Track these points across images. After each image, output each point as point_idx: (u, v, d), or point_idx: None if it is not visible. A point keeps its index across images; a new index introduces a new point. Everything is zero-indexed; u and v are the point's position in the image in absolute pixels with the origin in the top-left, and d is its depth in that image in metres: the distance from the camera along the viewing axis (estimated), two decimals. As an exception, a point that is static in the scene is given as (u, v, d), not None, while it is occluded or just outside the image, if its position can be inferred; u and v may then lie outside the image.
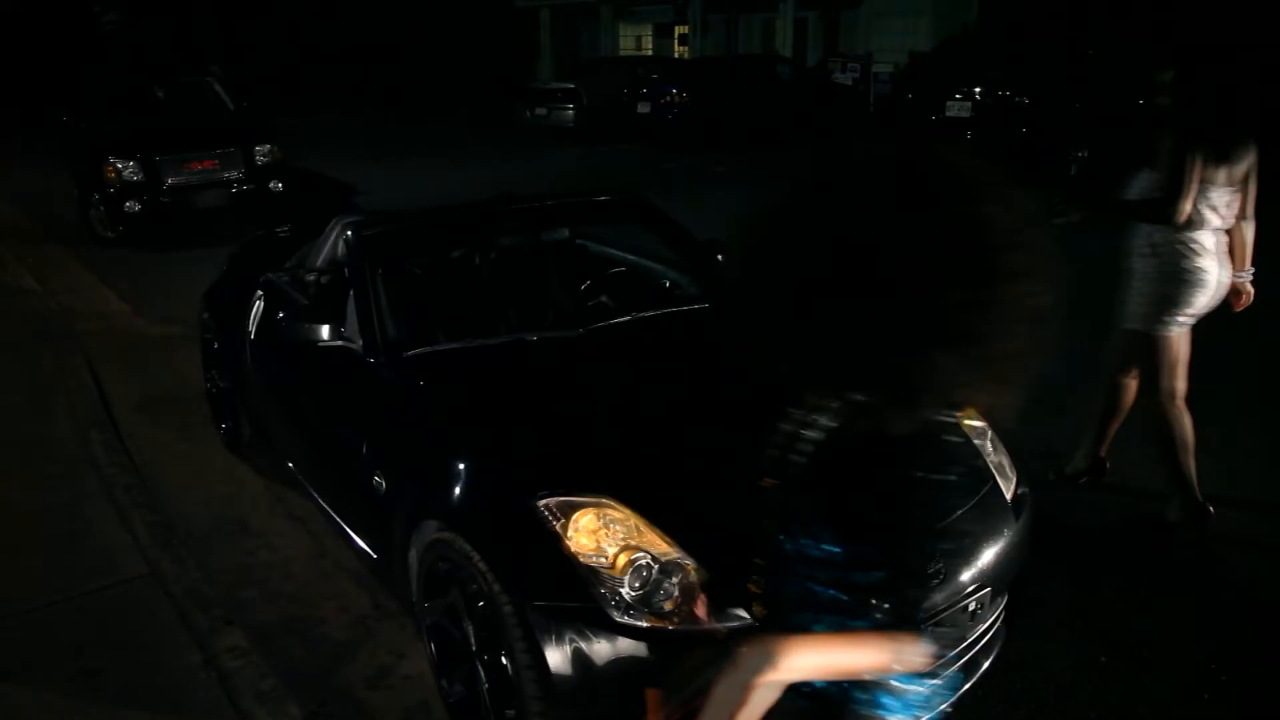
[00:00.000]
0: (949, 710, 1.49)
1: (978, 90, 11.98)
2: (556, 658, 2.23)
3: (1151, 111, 3.62)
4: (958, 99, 12.09)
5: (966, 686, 2.61)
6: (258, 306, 4.09)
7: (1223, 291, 3.63)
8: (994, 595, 2.58)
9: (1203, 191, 3.41)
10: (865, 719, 1.41)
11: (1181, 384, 3.70)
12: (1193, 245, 3.52)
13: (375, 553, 3.11)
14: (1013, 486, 2.87)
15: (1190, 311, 3.61)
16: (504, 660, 2.36)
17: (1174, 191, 3.40)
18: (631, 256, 4.33)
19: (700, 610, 2.07)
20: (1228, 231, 3.60)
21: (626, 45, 28.78)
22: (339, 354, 3.26)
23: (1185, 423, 3.69)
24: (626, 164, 14.33)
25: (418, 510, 2.73)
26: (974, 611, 2.50)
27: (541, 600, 2.29)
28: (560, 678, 2.23)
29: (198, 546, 3.75)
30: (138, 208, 9.05)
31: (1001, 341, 1.25)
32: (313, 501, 3.68)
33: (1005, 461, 2.98)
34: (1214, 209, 3.46)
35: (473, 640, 2.50)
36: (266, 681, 2.88)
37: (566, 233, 4.19)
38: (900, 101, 13.66)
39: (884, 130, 14.97)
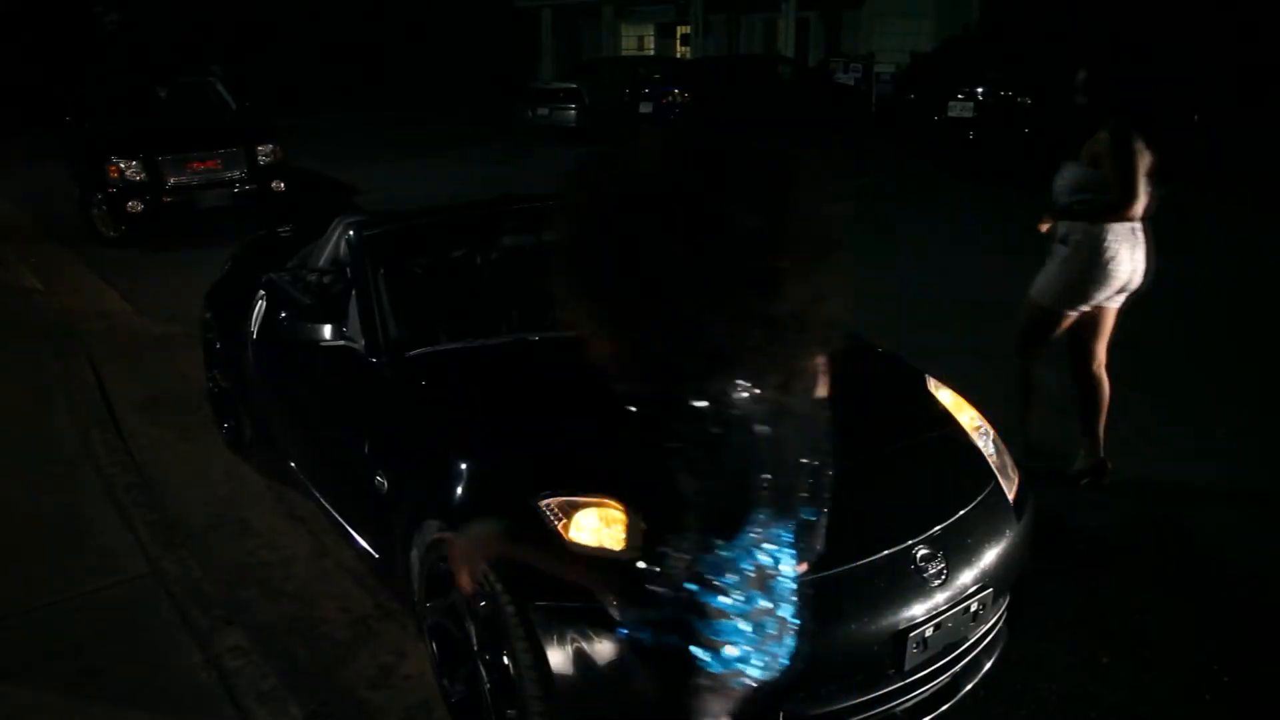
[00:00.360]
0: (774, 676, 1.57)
1: (980, 90, 11.97)
2: (558, 657, 2.23)
3: (1073, 108, 3.86)
4: (960, 99, 12.07)
5: (969, 687, 2.61)
6: (260, 306, 4.09)
7: (1134, 280, 3.80)
8: (996, 596, 2.58)
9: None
10: (690, 671, 1.48)
11: (1041, 351, 4.04)
12: (1106, 239, 3.69)
13: (377, 552, 3.11)
14: (1014, 487, 2.86)
15: (1093, 302, 3.83)
16: (505, 660, 2.36)
17: (1129, 195, 3.59)
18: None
19: None
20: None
21: (628, 45, 28.77)
22: (341, 354, 3.26)
23: (1035, 378, 4.06)
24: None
25: (419, 510, 2.73)
26: (976, 612, 2.50)
27: (543, 600, 2.29)
28: (562, 677, 2.23)
29: (199, 546, 3.75)
30: (140, 207, 9.07)
31: (724, 338, 1.30)
32: (314, 501, 3.68)
33: (1007, 462, 2.97)
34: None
35: (474, 640, 2.50)
36: (267, 681, 2.88)
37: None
38: (902, 102, 13.64)
39: (886, 130, 14.95)
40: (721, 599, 1.46)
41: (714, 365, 1.33)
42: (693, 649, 1.46)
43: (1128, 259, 3.73)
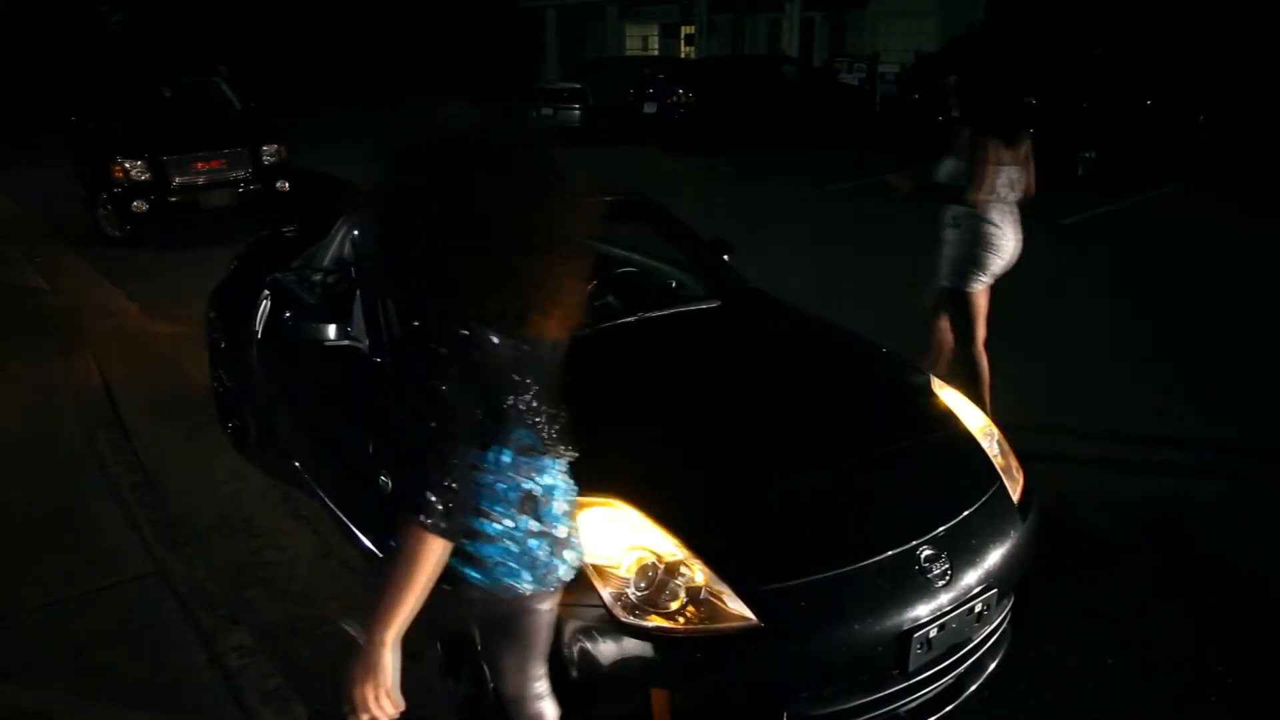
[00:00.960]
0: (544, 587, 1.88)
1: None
2: (562, 657, 2.22)
3: (945, 109, 4.36)
4: (964, 99, 12.05)
5: (973, 688, 2.61)
6: (264, 306, 4.10)
7: (1016, 255, 4.24)
8: (1000, 596, 2.58)
9: (996, 172, 4.07)
10: (459, 585, 1.82)
11: (982, 332, 4.33)
12: (988, 217, 4.14)
13: (381, 552, 3.11)
14: (1019, 488, 2.86)
15: (991, 271, 4.22)
16: (509, 660, 2.35)
17: (976, 185, 4.05)
18: (638, 256, 4.32)
19: None
20: (1021, 204, 4.24)
21: (632, 45, 28.74)
22: (345, 353, 3.26)
23: (985, 362, 4.34)
24: (633, 164, 14.31)
25: (423, 510, 2.72)
26: (980, 613, 2.50)
27: (546, 600, 2.28)
28: (565, 677, 2.22)
29: (203, 545, 3.76)
30: (145, 207, 9.07)
31: (471, 298, 1.67)
32: (318, 501, 3.68)
33: (1012, 463, 2.97)
34: (1006, 185, 4.13)
35: (478, 640, 2.50)
36: (271, 680, 2.89)
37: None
38: (906, 101, 13.62)
39: (889, 130, 14.93)
40: (487, 522, 1.78)
41: (471, 313, 1.68)
42: (460, 566, 1.79)
43: (1006, 235, 4.17)
